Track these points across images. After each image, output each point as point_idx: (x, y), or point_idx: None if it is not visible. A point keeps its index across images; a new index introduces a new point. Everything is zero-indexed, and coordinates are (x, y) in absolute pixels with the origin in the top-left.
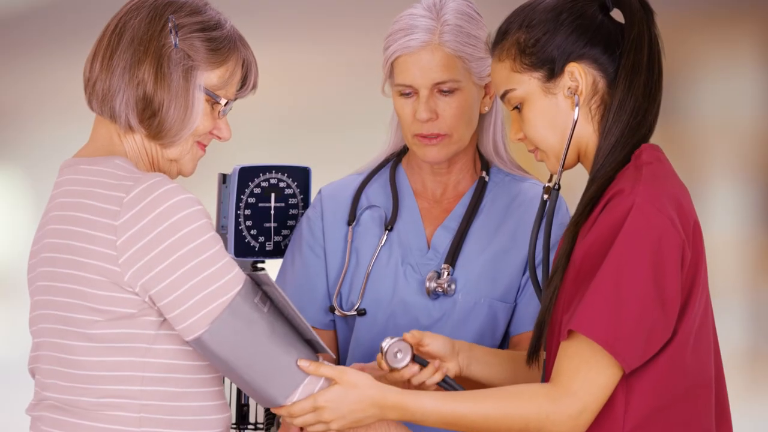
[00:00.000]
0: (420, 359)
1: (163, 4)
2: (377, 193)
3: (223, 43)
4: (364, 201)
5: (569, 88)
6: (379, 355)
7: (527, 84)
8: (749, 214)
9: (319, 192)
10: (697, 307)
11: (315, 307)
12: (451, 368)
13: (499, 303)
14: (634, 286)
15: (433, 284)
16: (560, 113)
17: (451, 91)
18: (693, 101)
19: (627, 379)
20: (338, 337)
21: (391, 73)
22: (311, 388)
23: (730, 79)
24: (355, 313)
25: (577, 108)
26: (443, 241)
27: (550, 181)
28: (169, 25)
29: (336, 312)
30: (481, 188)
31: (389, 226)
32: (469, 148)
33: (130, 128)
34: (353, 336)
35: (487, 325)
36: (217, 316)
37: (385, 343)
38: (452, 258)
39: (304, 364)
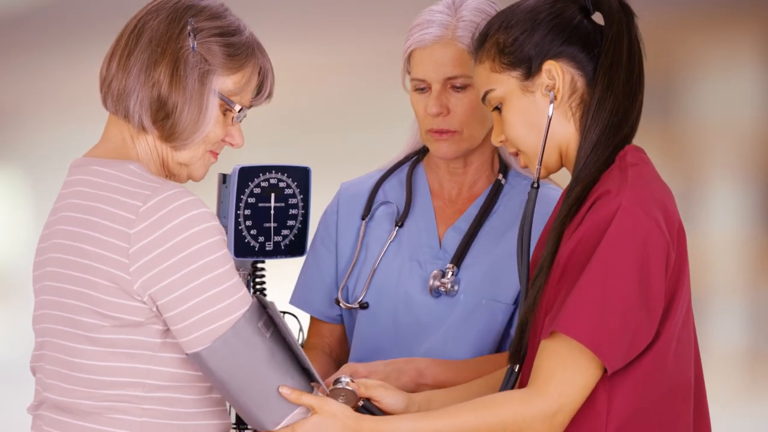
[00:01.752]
0: (370, 407)
1: (183, 7)
2: (393, 190)
3: (240, 49)
4: (380, 196)
5: (547, 86)
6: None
7: (506, 83)
8: (749, 214)
9: (340, 186)
10: (680, 311)
11: (323, 300)
12: None
13: (499, 304)
14: (619, 287)
15: (436, 283)
16: (538, 112)
17: (463, 87)
18: (693, 101)
19: (610, 380)
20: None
21: (408, 67)
22: (300, 417)
23: (730, 79)
24: (358, 306)
25: (551, 105)
26: (453, 241)
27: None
28: (188, 28)
29: (340, 304)
30: (495, 191)
31: (400, 222)
32: (486, 149)
33: (142, 129)
34: (355, 329)
35: (488, 326)
36: (220, 335)
37: (342, 382)
38: (458, 258)
39: (285, 391)
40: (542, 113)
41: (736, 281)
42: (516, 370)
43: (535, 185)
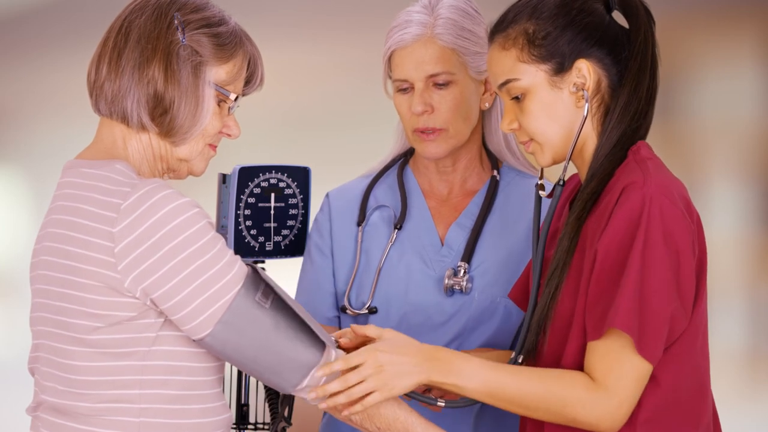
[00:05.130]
0: None
1: (167, 3)
2: (386, 194)
3: (229, 39)
4: (372, 202)
5: (575, 84)
6: None
7: (533, 75)
8: (749, 214)
9: (327, 195)
10: (704, 301)
11: (321, 305)
12: None
13: (513, 303)
14: (653, 279)
15: (451, 281)
16: (563, 108)
17: (446, 84)
18: (693, 101)
19: None
20: None
21: (389, 69)
22: (318, 377)
23: (730, 79)
24: (367, 311)
25: (587, 104)
26: (457, 238)
27: (541, 178)
28: (175, 22)
29: (348, 311)
30: (494, 187)
31: (398, 224)
32: (473, 145)
33: (142, 127)
34: None
35: (502, 324)
36: (219, 318)
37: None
38: (469, 256)
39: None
40: (566, 110)
41: (736, 281)
42: (519, 361)
43: (561, 183)
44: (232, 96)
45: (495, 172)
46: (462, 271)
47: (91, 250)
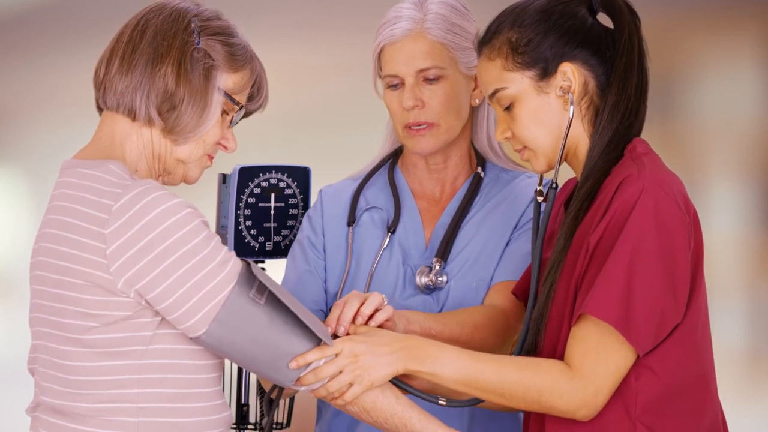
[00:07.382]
0: None
1: (185, 7)
2: (376, 195)
3: (240, 51)
4: (362, 202)
5: (561, 87)
6: None
7: (519, 83)
8: (749, 214)
9: (320, 192)
10: (702, 295)
11: (308, 299)
12: None
13: (486, 283)
14: (644, 269)
15: (424, 279)
16: (552, 112)
17: (436, 79)
18: (693, 101)
19: (636, 361)
20: None
21: (379, 67)
22: (295, 368)
23: (730, 79)
24: None
25: (572, 106)
26: (437, 239)
27: (540, 184)
28: (192, 25)
29: None
30: (476, 184)
31: (392, 228)
32: (463, 142)
33: (149, 120)
34: None
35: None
36: (214, 316)
37: None
38: (443, 252)
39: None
40: (555, 114)
41: (735, 281)
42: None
43: (554, 186)
44: (238, 106)
45: (479, 169)
46: (437, 266)
47: (83, 250)
